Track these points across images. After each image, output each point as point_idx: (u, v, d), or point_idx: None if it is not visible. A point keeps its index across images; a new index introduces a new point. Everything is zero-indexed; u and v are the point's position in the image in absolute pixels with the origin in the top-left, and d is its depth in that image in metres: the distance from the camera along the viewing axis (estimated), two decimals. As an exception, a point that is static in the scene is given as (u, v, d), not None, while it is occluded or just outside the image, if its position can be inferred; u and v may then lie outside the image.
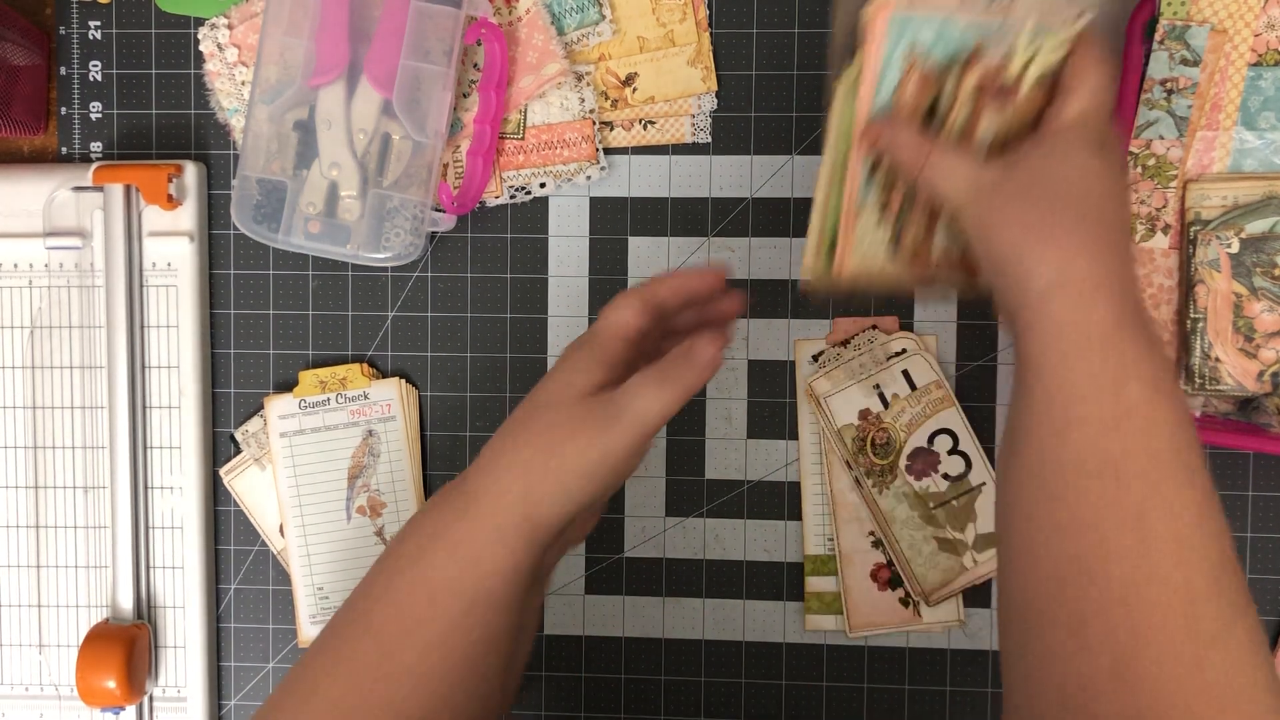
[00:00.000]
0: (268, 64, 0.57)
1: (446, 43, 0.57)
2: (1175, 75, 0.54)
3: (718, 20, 0.61)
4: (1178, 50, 0.54)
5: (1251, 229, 0.55)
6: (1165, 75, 0.54)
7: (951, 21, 0.41)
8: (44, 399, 0.62)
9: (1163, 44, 0.54)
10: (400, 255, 0.58)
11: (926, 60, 0.42)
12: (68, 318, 0.62)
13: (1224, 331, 0.56)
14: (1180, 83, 0.54)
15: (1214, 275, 0.56)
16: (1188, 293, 0.56)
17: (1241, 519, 0.60)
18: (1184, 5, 0.53)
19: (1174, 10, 0.54)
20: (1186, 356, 0.56)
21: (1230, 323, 0.56)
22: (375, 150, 0.58)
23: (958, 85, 0.43)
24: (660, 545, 0.62)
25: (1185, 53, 0.54)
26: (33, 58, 0.61)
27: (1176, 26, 0.54)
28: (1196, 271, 0.56)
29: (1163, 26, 0.54)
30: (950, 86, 0.43)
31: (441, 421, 0.62)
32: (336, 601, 0.62)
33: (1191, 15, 0.54)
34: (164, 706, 0.62)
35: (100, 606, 0.62)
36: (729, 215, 0.61)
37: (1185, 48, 0.54)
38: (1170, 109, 0.54)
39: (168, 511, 0.62)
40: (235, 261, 0.63)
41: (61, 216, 0.61)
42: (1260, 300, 0.55)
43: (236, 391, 0.63)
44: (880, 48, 0.41)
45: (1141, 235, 0.56)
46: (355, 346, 0.63)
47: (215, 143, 0.63)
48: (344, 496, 0.62)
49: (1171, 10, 0.53)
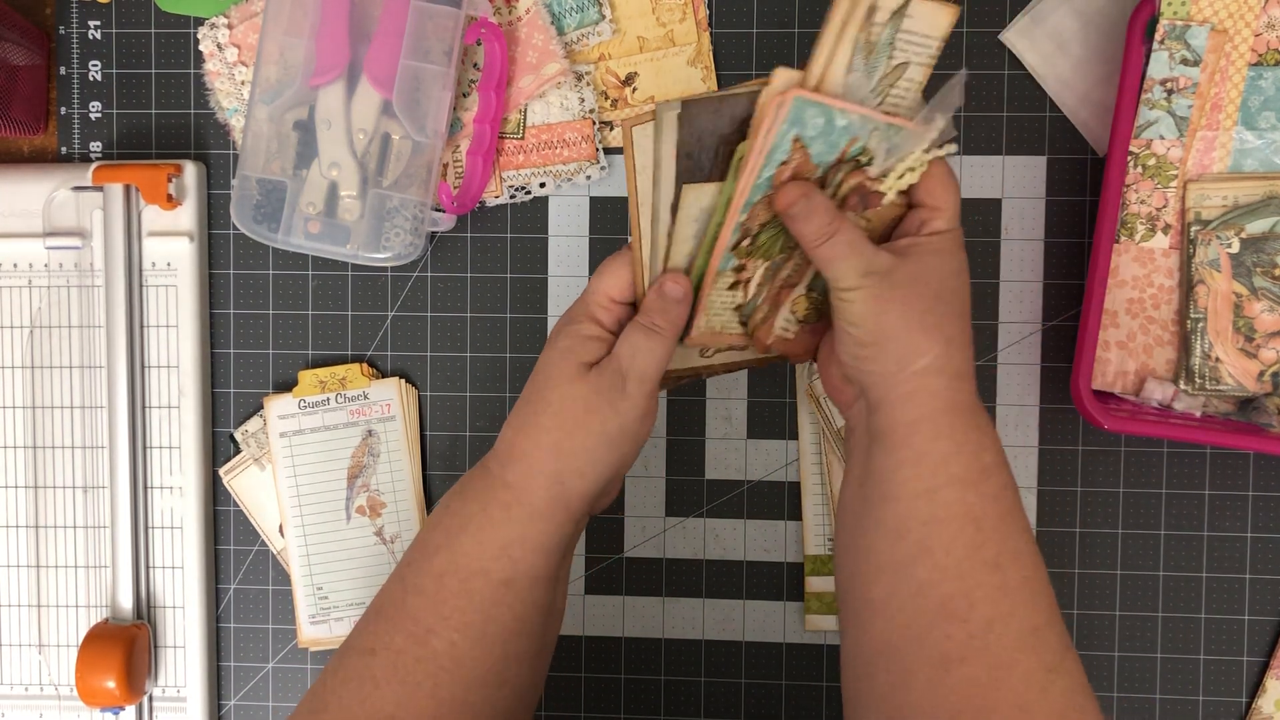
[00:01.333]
0: (268, 64, 0.57)
1: (446, 43, 0.57)
2: (1175, 75, 0.54)
3: (718, 20, 0.61)
4: (1178, 50, 0.54)
5: (1252, 229, 0.55)
6: (1165, 75, 0.54)
7: (840, 115, 0.43)
8: (44, 399, 0.62)
9: (1163, 44, 0.54)
10: (400, 255, 0.58)
11: (808, 148, 0.44)
12: (68, 318, 0.62)
13: (1224, 331, 0.56)
14: (1180, 83, 0.54)
15: (1214, 275, 0.56)
16: (1188, 293, 0.56)
17: (1241, 519, 0.60)
18: (1184, 5, 0.53)
19: (1174, 10, 0.53)
20: (1187, 357, 0.56)
21: (1230, 323, 0.56)
22: (375, 150, 0.58)
23: (835, 179, 0.46)
24: (660, 545, 0.62)
25: (1185, 53, 0.54)
26: (33, 58, 0.61)
27: (1177, 26, 0.54)
28: (1197, 271, 0.56)
29: (1163, 26, 0.54)
30: (830, 178, 0.46)
31: (441, 421, 0.62)
32: (336, 601, 0.62)
33: (1192, 15, 0.54)
34: (164, 706, 0.62)
35: (100, 606, 0.62)
36: (729, 215, 0.61)
37: (1185, 48, 0.54)
38: (1170, 109, 0.54)
39: (167, 511, 0.62)
40: (235, 261, 0.63)
41: (61, 216, 0.61)
42: (1260, 300, 0.55)
43: (236, 391, 0.63)
44: (777, 126, 0.43)
45: (1141, 235, 0.56)
46: (355, 346, 0.63)
47: (215, 143, 0.63)
48: (344, 496, 0.62)
49: (1172, 10, 0.53)
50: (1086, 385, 0.54)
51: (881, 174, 0.46)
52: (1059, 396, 0.60)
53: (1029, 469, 0.61)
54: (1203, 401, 0.57)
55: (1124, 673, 0.61)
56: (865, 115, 0.44)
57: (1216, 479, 0.60)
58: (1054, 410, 0.60)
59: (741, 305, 0.49)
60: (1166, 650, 0.60)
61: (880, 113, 0.44)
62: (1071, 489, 0.60)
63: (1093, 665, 0.60)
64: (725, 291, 0.48)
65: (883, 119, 0.44)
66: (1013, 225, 0.60)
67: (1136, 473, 0.60)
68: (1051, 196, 0.60)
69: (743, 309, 0.49)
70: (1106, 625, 0.60)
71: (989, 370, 0.61)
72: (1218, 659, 0.60)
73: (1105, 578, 0.60)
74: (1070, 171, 0.60)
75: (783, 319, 0.50)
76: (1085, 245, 0.60)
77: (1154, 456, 0.60)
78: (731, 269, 0.47)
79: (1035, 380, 0.60)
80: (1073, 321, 0.60)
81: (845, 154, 0.45)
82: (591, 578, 0.62)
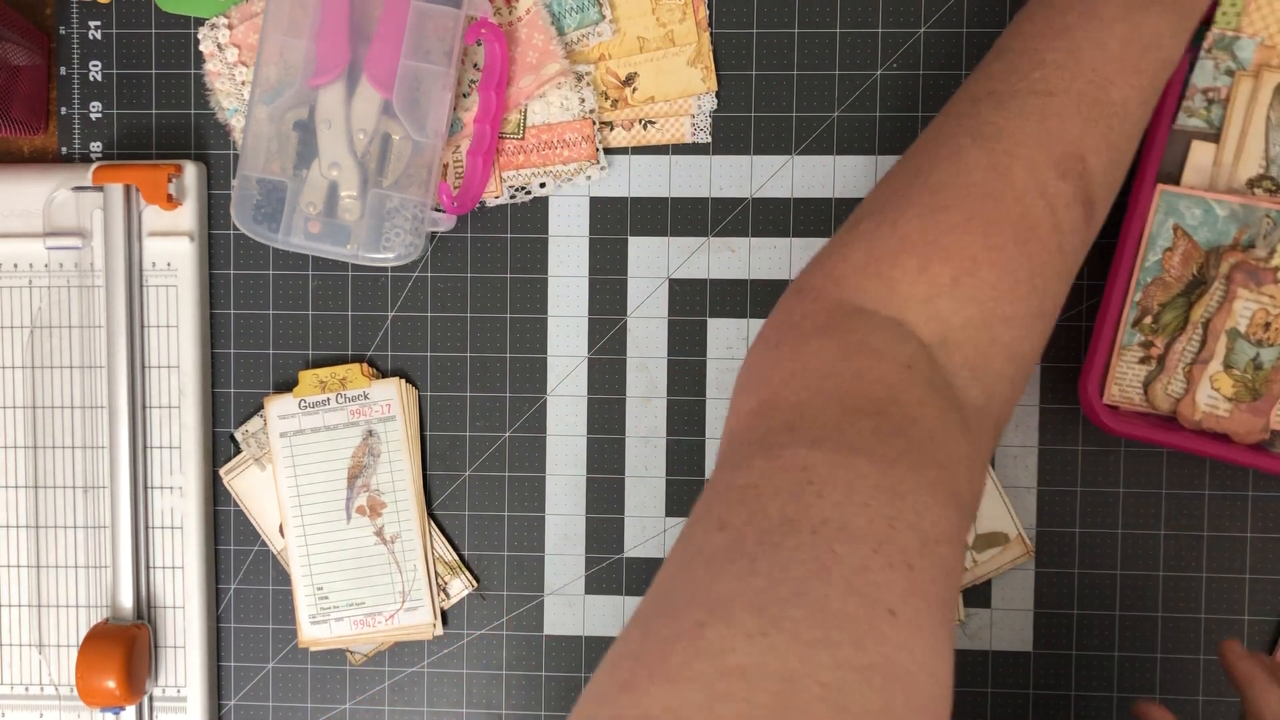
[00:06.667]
0: (268, 64, 0.57)
1: (446, 43, 0.57)
2: (1218, 85, 0.54)
3: (718, 20, 0.61)
4: (1224, 60, 0.54)
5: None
6: (1209, 84, 0.54)
7: (1217, 205, 0.50)
8: (44, 399, 0.62)
9: (1209, 52, 0.54)
10: (400, 255, 0.58)
11: (1191, 236, 0.51)
12: (68, 318, 0.62)
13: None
14: (1222, 93, 0.54)
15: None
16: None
17: (1241, 519, 0.60)
18: (1237, 17, 0.53)
19: (1227, 20, 0.54)
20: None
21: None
22: (375, 150, 0.58)
23: (1218, 263, 0.52)
24: (660, 545, 0.62)
25: (1231, 63, 0.54)
26: (33, 58, 0.61)
27: (1226, 37, 0.54)
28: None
29: (1212, 35, 0.54)
30: (1212, 263, 0.52)
31: (441, 421, 0.62)
32: (336, 601, 0.62)
33: (1243, 27, 0.54)
34: (164, 706, 0.62)
35: (100, 606, 0.62)
36: (729, 215, 0.61)
37: (1231, 58, 0.54)
38: (1209, 118, 0.54)
39: (168, 511, 0.62)
40: (235, 261, 0.63)
41: (61, 216, 0.61)
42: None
43: (236, 391, 0.63)
44: (1152, 217, 0.51)
45: None
46: (355, 346, 0.63)
47: (215, 143, 0.63)
48: (344, 496, 0.62)
49: (1225, 20, 0.53)
50: (1095, 390, 0.55)
51: (1270, 252, 0.51)
52: (1059, 396, 0.60)
53: (1029, 469, 0.61)
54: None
55: (1124, 673, 0.61)
56: (1247, 204, 0.50)
57: (1216, 479, 0.60)
58: (1054, 410, 0.60)
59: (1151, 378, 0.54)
60: (1166, 650, 0.60)
61: (1266, 196, 0.49)
62: (1071, 489, 0.60)
63: (1093, 665, 0.61)
64: (1136, 365, 0.54)
65: (1267, 203, 0.49)
66: (1013, 225, 0.60)
67: (1136, 473, 0.60)
68: (1051, 196, 0.60)
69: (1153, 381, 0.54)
70: (1106, 625, 0.60)
71: (989, 370, 0.61)
72: (1218, 659, 0.60)
73: (1105, 578, 0.60)
74: (1070, 171, 0.60)
75: (1206, 396, 0.53)
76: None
77: (1154, 457, 0.60)
78: (1138, 344, 0.54)
79: (1035, 380, 0.60)
80: (1074, 322, 0.60)
81: (1238, 241, 0.51)
82: (591, 578, 0.62)
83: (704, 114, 0.61)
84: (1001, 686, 0.61)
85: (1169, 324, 0.54)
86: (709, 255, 0.61)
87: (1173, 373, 0.54)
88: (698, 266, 0.61)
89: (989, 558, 0.60)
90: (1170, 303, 0.53)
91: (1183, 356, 0.54)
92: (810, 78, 0.60)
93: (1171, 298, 0.53)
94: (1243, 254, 0.52)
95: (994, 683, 0.61)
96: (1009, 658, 0.61)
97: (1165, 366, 0.54)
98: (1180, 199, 0.52)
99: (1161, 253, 0.53)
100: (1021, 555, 0.60)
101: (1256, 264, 0.52)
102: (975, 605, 0.61)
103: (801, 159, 0.61)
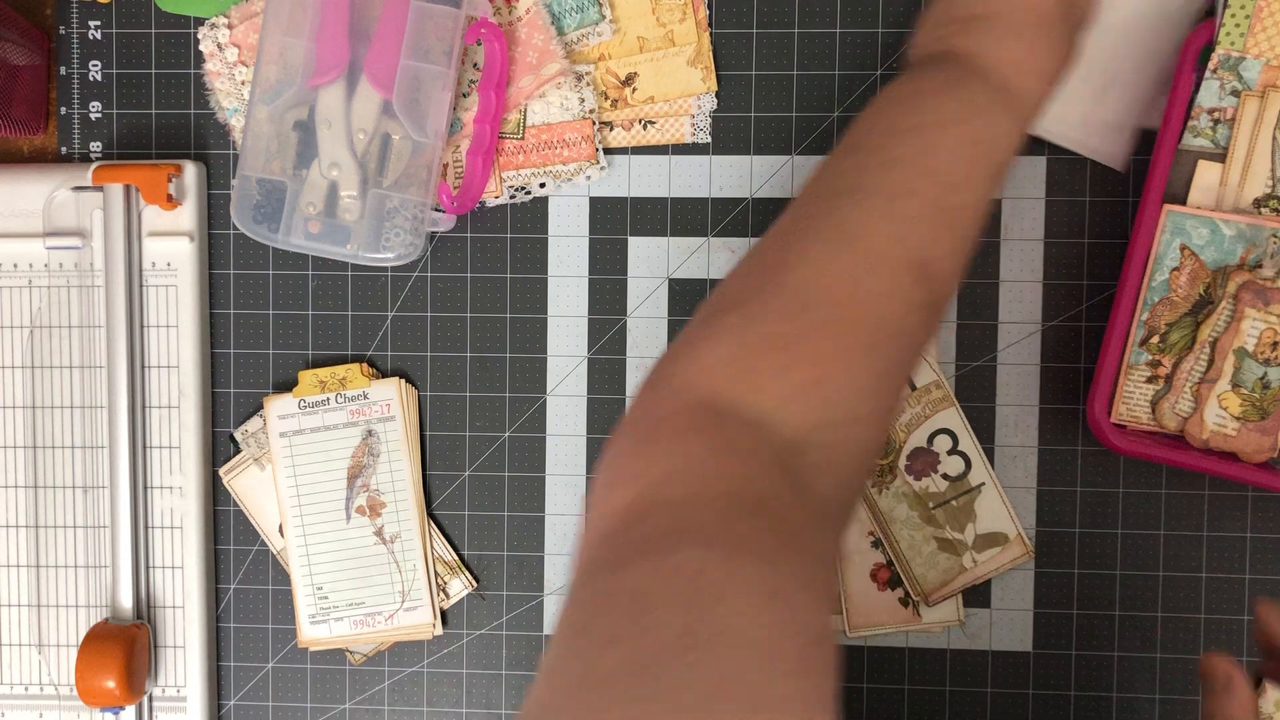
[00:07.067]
0: (268, 64, 0.57)
1: (446, 43, 0.57)
2: (1223, 105, 0.54)
3: (718, 20, 0.61)
4: (1229, 81, 0.54)
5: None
6: (1214, 105, 0.54)
7: (1224, 225, 0.51)
8: (44, 399, 0.62)
9: (1215, 73, 0.54)
10: (400, 255, 0.58)
11: (1198, 256, 0.51)
12: (68, 318, 0.62)
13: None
14: (1228, 113, 0.54)
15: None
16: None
17: (1241, 519, 0.60)
18: (1241, 37, 0.53)
19: (1231, 41, 0.53)
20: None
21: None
22: (375, 150, 0.58)
23: (1225, 282, 0.52)
24: (660, 545, 0.62)
25: (1236, 84, 0.54)
26: (33, 58, 0.61)
27: (1231, 57, 0.54)
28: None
29: (1217, 56, 0.54)
30: (1219, 283, 0.52)
31: (441, 421, 0.62)
32: (336, 601, 0.62)
33: (1248, 48, 0.53)
34: (163, 706, 0.62)
35: (100, 606, 0.62)
36: (729, 215, 0.61)
37: (1237, 79, 0.54)
38: (1214, 139, 0.54)
39: (167, 511, 0.62)
40: (235, 261, 0.63)
41: (61, 216, 0.61)
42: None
43: (236, 391, 0.63)
44: (1159, 238, 0.52)
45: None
46: (355, 346, 0.63)
47: (215, 143, 0.63)
48: (343, 496, 0.62)
49: (1229, 40, 0.53)
50: (1103, 410, 0.55)
51: (1276, 271, 0.51)
52: (1059, 397, 0.60)
53: (1029, 469, 0.61)
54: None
55: (1124, 673, 0.61)
56: (1254, 224, 0.50)
57: (1216, 480, 0.60)
58: (1054, 410, 0.60)
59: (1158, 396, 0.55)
60: (1166, 650, 0.60)
61: (1272, 216, 0.49)
62: (1071, 489, 0.60)
63: (1093, 665, 0.61)
64: (1143, 384, 0.54)
65: (1273, 223, 0.49)
66: (1013, 225, 0.60)
67: (1136, 473, 0.60)
68: (1051, 196, 0.60)
69: (1160, 399, 0.55)
70: (1106, 625, 0.60)
71: (988, 370, 0.61)
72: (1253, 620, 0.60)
73: (1105, 578, 0.60)
74: (1070, 172, 0.60)
75: (1214, 415, 0.54)
76: (1085, 245, 0.60)
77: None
78: (1145, 363, 0.54)
79: (1035, 380, 0.60)
80: (1073, 322, 0.60)
81: (1244, 261, 0.52)
82: (591, 578, 0.62)
83: (704, 114, 0.61)
84: (1001, 686, 0.61)
85: (1176, 343, 0.54)
86: (709, 255, 0.61)
87: (1180, 392, 0.54)
88: (698, 266, 0.61)
89: (989, 558, 0.60)
90: (1177, 322, 0.54)
91: (1190, 376, 0.54)
92: (810, 78, 0.60)
93: (1179, 317, 0.54)
94: (1250, 273, 0.52)
95: (994, 683, 0.61)
96: (1009, 658, 0.61)
97: (1173, 386, 0.54)
98: (1187, 219, 0.52)
99: (1169, 272, 0.53)
100: (1021, 555, 0.60)
101: (1264, 283, 0.52)
102: (975, 605, 0.61)
103: (801, 159, 0.61)
